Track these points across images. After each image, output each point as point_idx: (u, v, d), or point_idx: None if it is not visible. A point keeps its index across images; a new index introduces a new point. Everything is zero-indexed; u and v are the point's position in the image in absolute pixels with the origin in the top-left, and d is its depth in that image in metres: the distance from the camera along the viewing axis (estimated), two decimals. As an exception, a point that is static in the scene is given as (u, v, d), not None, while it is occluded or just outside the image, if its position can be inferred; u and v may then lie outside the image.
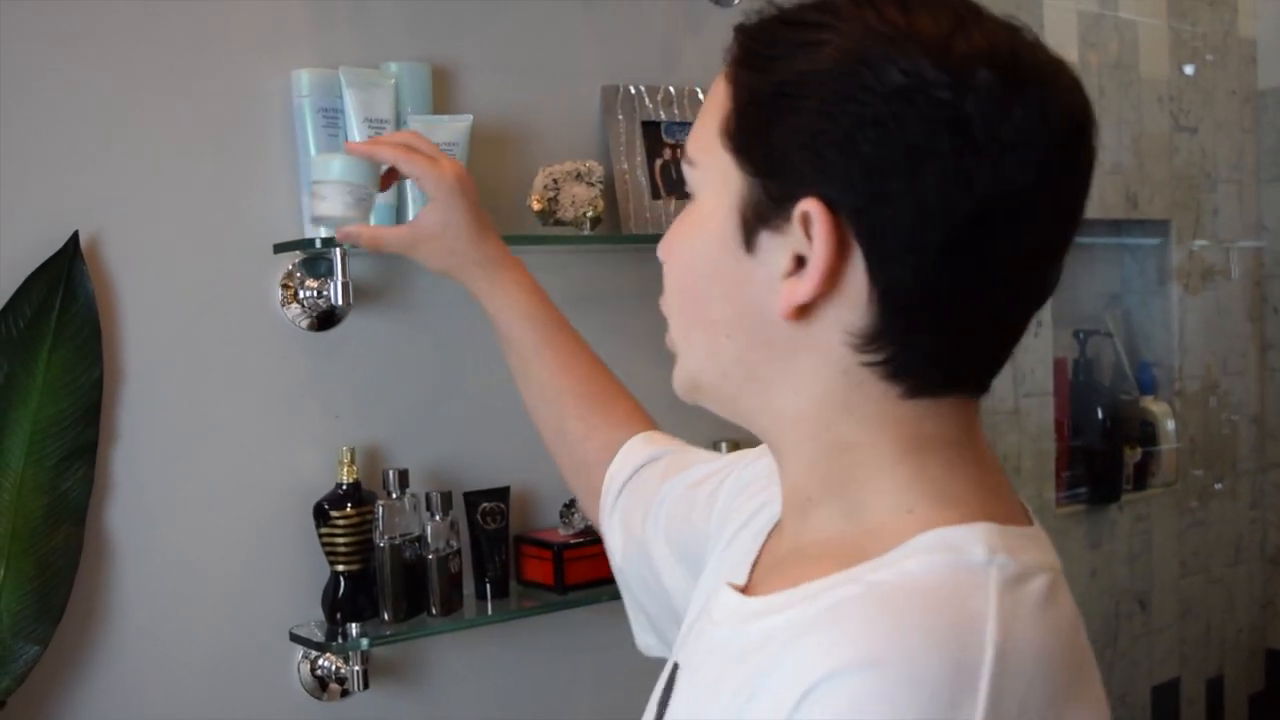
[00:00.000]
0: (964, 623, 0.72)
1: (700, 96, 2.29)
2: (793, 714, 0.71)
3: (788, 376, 0.85)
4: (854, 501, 0.85)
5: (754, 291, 0.84)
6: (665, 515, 1.26)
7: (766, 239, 0.83)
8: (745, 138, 0.84)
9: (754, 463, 1.15)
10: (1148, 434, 3.49)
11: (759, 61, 0.83)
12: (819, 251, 0.80)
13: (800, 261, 0.81)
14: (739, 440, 2.25)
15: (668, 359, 0.94)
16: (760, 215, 0.83)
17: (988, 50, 0.77)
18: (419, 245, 1.58)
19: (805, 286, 0.81)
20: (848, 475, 0.85)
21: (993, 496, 0.84)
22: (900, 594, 0.75)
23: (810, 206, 0.79)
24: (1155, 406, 3.52)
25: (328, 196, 1.60)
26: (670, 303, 0.94)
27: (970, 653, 0.71)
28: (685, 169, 0.90)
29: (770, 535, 0.98)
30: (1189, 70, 3.61)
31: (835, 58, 0.79)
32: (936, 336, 0.82)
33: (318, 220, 1.65)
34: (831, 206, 0.79)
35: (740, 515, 1.08)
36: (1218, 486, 3.73)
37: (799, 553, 0.87)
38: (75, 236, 1.77)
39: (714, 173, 0.86)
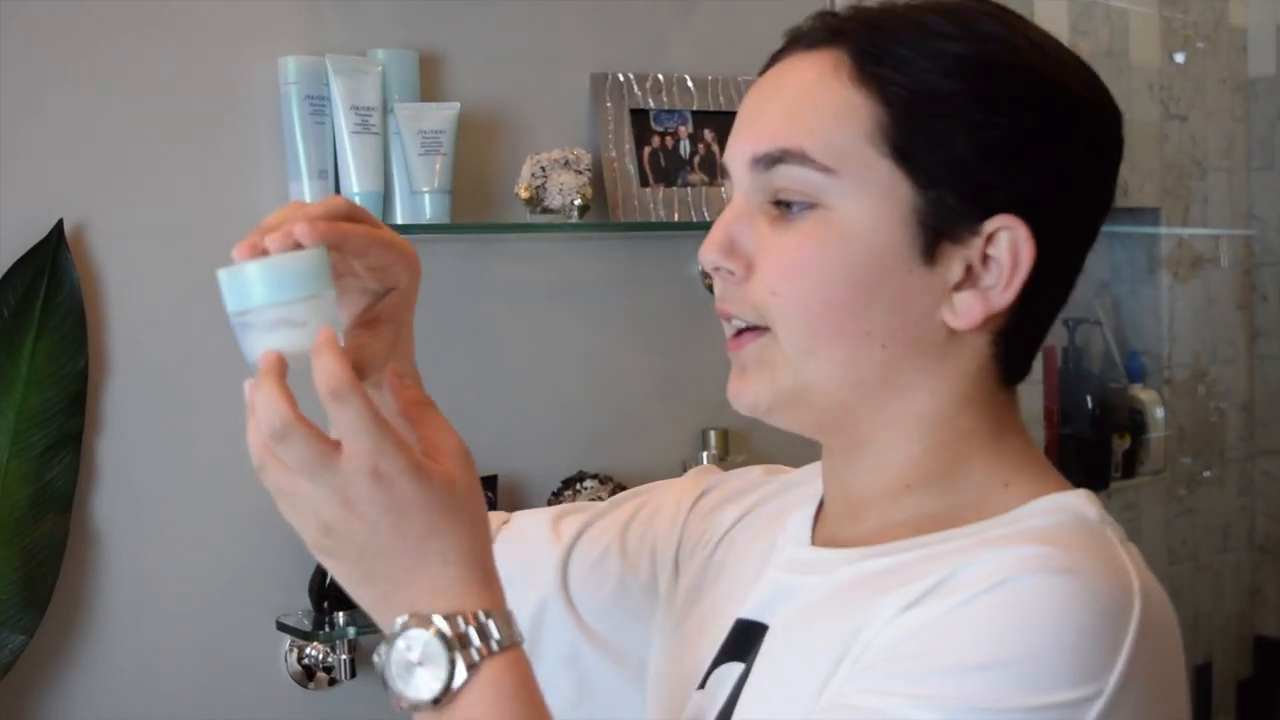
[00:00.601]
0: (1118, 568, 0.78)
1: (689, 84, 2.28)
2: (980, 595, 0.75)
3: (927, 379, 0.87)
4: (954, 483, 0.88)
5: (926, 302, 0.85)
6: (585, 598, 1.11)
7: (947, 250, 0.84)
8: (918, 150, 0.82)
9: (709, 491, 1.11)
10: (1136, 422, 3.49)
11: (920, 71, 0.83)
12: (1024, 266, 0.83)
13: (970, 270, 0.84)
14: (727, 429, 2.26)
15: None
16: (944, 228, 0.83)
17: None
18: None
19: (1004, 298, 0.84)
20: (955, 461, 0.88)
21: (1055, 469, 0.91)
22: (1063, 536, 0.80)
23: (1010, 223, 0.83)
24: (1144, 394, 3.52)
25: (261, 331, 0.84)
26: (793, 317, 0.84)
27: (1128, 594, 0.76)
28: (806, 175, 0.83)
29: (816, 526, 0.96)
30: (1179, 58, 3.61)
31: (1022, 76, 0.83)
32: (1047, 327, 0.90)
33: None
34: (1026, 220, 0.83)
35: (722, 522, 1.06)
36: (1206, 474, 3.74)
37: (888, 530, 0.88)
38: (60, 225, 1.76)
39: (868, 183, 0.83)
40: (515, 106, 2.14)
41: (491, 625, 0.76)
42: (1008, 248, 0.83)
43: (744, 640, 0.91)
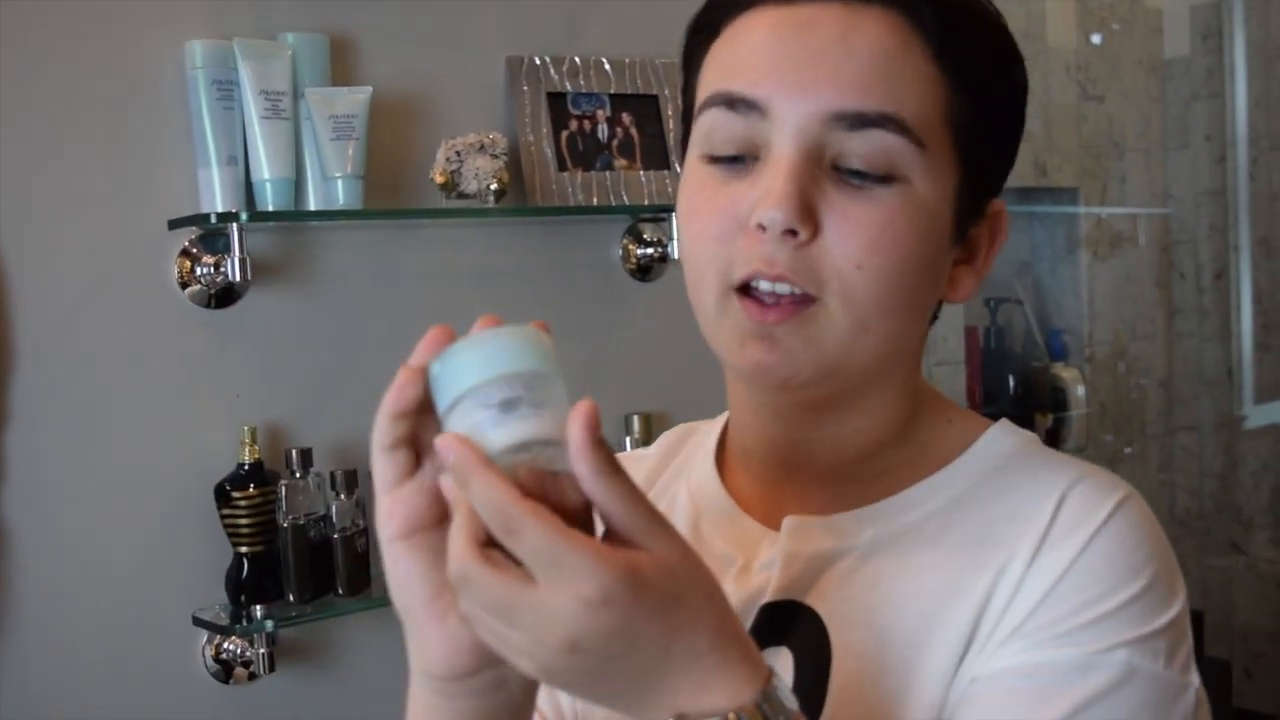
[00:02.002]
0: None
1: (606, 68, 2.27)
2: (1097, 533, 0.80)
3: (915, 343, 0.90)
4: (915, 431, 0.91)
5: (944, 278, 0.87)
6: None
7: (967, 229, 0.87)
8: (975, 134, 0.84)
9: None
10: (1059, 400, 3.53)
11: (998, 61, 0.86)
12: (998, 241, 0.89)
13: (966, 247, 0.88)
14: (650, 413, 2.25)
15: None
16: (969, 208, 0.86)
17: None
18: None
19: (984, 270, 0.89)
20: (914, 412, 0.91)
21: None
22: (1064, 456, 0.89)
23: (1000, 205, 0.89)
24: (1065, 373, 3.56)
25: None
26: (871, 292, 0.80)
27: None
28: (900, 145, 0.79)
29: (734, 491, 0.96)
30: (1096, 40, 3.65)
31: (1024, 79, 0.89)
32: None
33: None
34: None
35: None
36: (1128, 451, 3.79)
37: (879, 484, 0.89)
38: (-41, 214, 1.72)
39: (940, 162, 0.82)
40: (429, 90, 2.11)
41: (779, 696, 0.68)
42: (989, 226, 0.89)
43: (778, 623, 0.87)
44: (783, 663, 0.85)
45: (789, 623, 0.86)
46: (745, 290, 0.81)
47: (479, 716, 0.72)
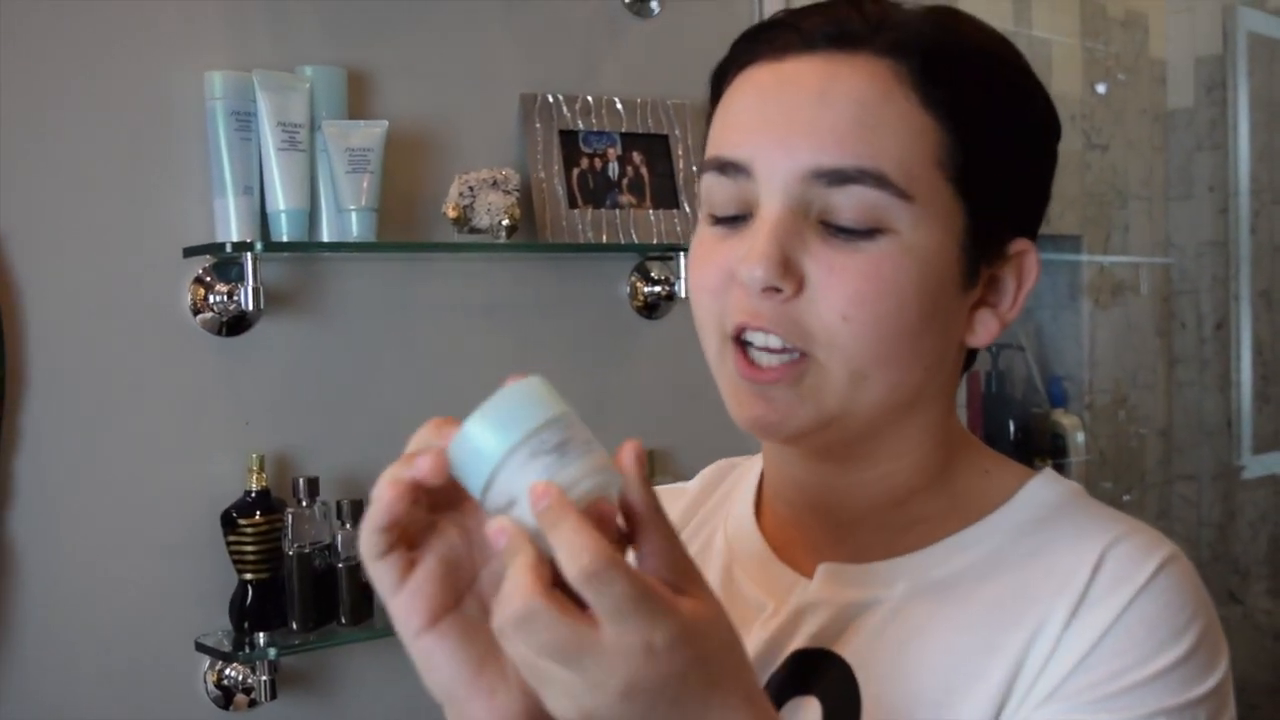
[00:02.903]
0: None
1: (618, 107, 2.29)
2: (1139, 595, 0.80)
3: (939, 392, 0.89)
4: (949, 479, 0.90)
5: (959, 323, 0.86)
6: None
7: (981, 272, 0.86)
8: (978, 176, 0.82)
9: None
10: (1058, 446, 3.54)
11: (986, 99, 0.83)
12: (1028, 283, 0.87)
13: (985, 290, 0.87)
14: (655, 449, 2.26)
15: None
16: (982, 252, 0.85)
17: None
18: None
19: (1011, 314, 0.87)
20: (948, 460, 0.90)
21: None
22: (1109, 512, 0.88)
23: (1025, 245, 0.87)
24: (1065, 419, 3.57)
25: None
26: (861, 343, 0.80)
27: None
28: (881, 199, 0.79)
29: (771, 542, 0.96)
30: (1101, 89, 3.68)
31: (1049, 114, 0.87)
32: None
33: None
34: (1029, 238, 0.88)
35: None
36: (1126, 498, 3.79)
37: (911, 533, 0.89)
38: (-22, 237, 1.73)
39: (935, 208, 0.81)
40: (444, 125, 2.14)
41: None
42: (1016, 267, 0.87)
43: (806, 671, 0.86)
44: (811, 711, 0.85)
45: (817, 671, 0.86)
46: (740, 341, 0.83)
47: None
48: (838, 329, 0.80)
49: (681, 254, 2.29)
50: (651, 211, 2.31)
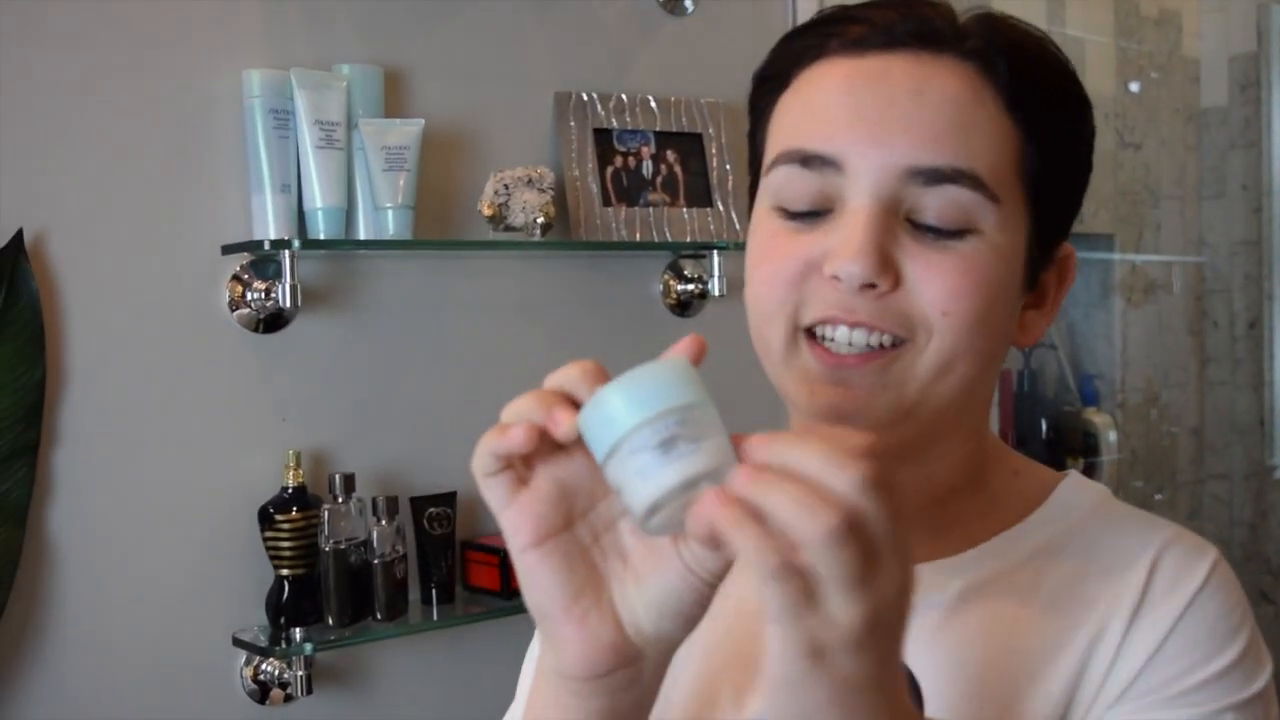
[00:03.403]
0: None
1: (652, 105, 2.30)
2: (1198, 596, 0.83)
3: (987, 389, 0.90)
4: (983, 479, 0.91)
5: (1015, 322, 0.88)
6: None
7: (1039, 276, 0.87)
8: (1047, 185, 0.84)
9: None
10: (1090, 445, 3.53)
11: (1067, 109, 0.86)
12: (1066, 286, 0.90)
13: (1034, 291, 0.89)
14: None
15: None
16: (1041, 256, 0.86)
17: None
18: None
19: (1054, 314, 0.90)
20: (983, 460, 0.92)
21: None
22: (1143, 513, 0.91)
23: (1069, 249, 0.89)
24: (1097, 418, 3.56)
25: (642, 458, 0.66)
26: (957, 336, 0.80)
27: None
28: (974, 200, 0.80)
29: None
30: (1134, 88, 3.66)
31: (1092, 123, 0.89)
32: None
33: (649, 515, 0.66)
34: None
35: None
36: (1157, 497, 3.78)
37: (953, 534, 0.89)
38: (19, 235, 1.75)
39: (1013, 212, 0.82)
40: (479, 124, 2.15)
41: None
42: (1059, 269, 0.89)
43: None
44: None
45: None
46: (813, 333, 0.82)
47: (611, 714, 0.72)
48: (938, 323, 0.80)
49: (715, 252, 2.29)
50: (685, 210, 2.31)
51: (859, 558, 0.59)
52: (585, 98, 2.24)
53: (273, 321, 1.96)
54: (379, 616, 1.94)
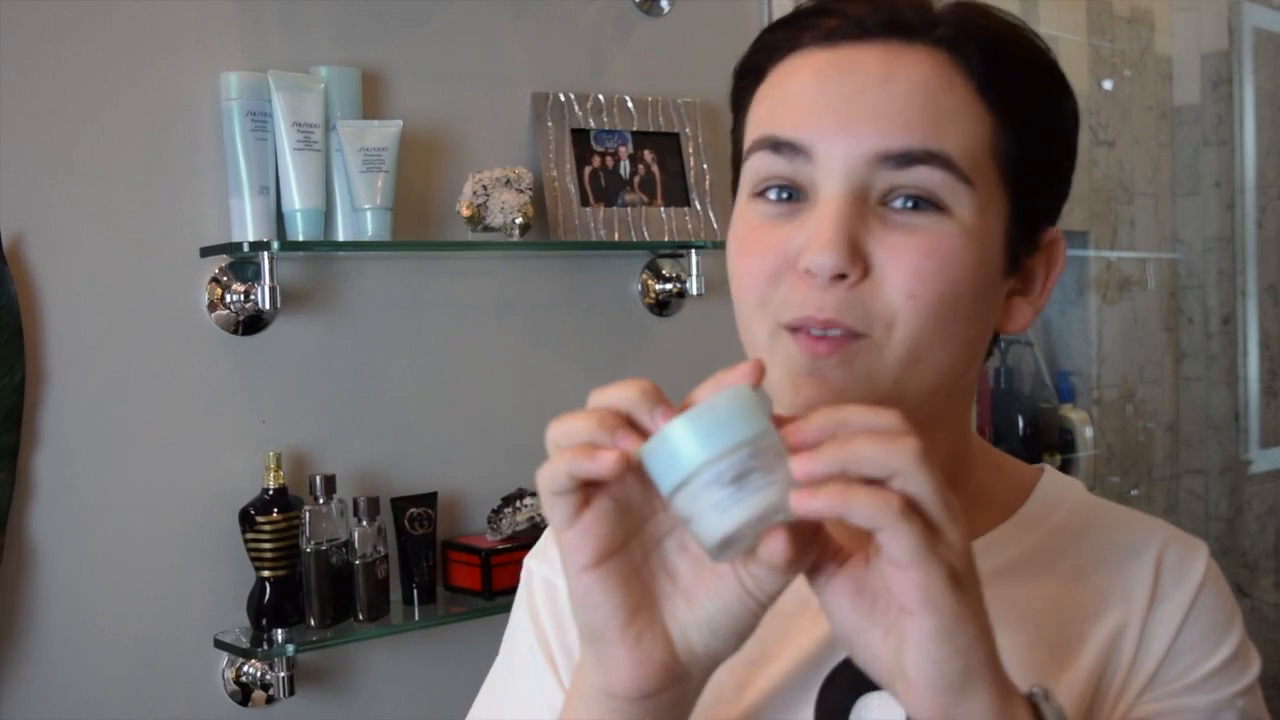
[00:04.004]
0: None
1: (629, 105, 2.30)
2: (1203, 589, 0.88)
3: (969, 380, 0.90)
4: (967, 473, 0.92)
5: (998, 310, 0.87)
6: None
7: (1020, 261, 0.87)
8: (1024, 168, 0.84)
9: None
10: (1066, 441, 3.55)
11: (1044, 94, 0.85)
12: (1056, 270, 0.89)
13: (1020, 278, 0.89)
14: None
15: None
16: (1022, 240, 0.86)
17: None
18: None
19: (1042, 301, 0.89)
20: (966, 453, 0.92)
21: None
22: (1124, 508, 0.95)
23: (1056, 234, 0.89)
24: (1074, 414, 3.58)
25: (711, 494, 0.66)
26: (922, 322, 0.80)
27: None
28: (944, 181, 0.80)
29: None
30: (1107, 85, 3.69)
31: (1075, 110, 0.89)
32: None
33: (723, 547, 0.67)
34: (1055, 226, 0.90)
35: None
36: (1134, 493, 3.80)
37: None
38: (-2, 238, 1.75)
39: (988, 196, 0.82)
40: (457, 125, 2.15)
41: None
42: (1045, 255, 0.89)
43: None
44: (888, 707, 0.85)
45: None
46: (794, 330, 0.82)
47: None
48: (903, 308, 0.80)
49: (693, 251, 2.30)
50: (663, 209, 2.32)
51: (940, 479, 0.66)
52: (562, 98, 2.25)
53: (252, 323, 1.96)
54: (361, 617, 1.94)
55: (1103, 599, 0.87)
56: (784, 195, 0.83)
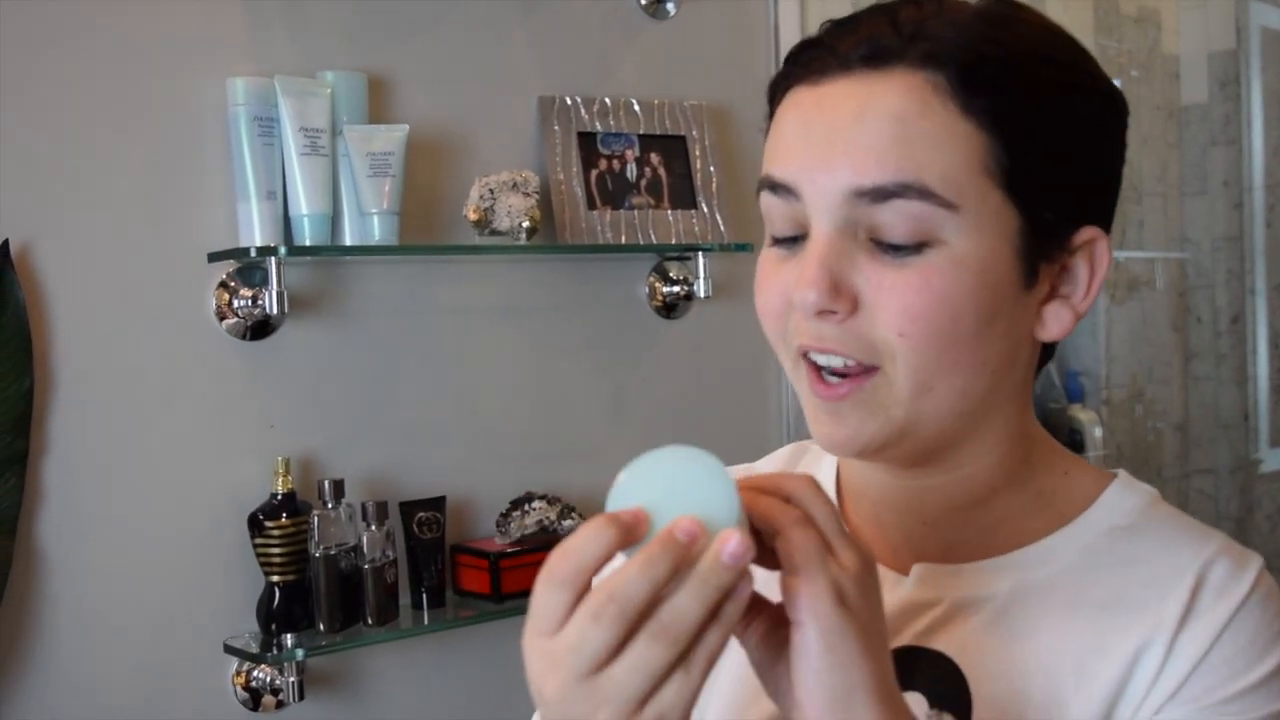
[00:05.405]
0: None
1: (636, 108, 2.30)
2: (1243, 606, 0.85)
3: (1014, 391, 0.89)
4: (1029, 478, 0.92)
5: (1026, 322, 0.86)
6: None
7: (1043, 269, 0.85)
8: (1027, 177, 0.82)
9: None
10: (1075, 441, 3.54)
11: (1030, 100, 0.82)
12: (1101, 270, 0.87)
13: (1053, 282, 0.87)
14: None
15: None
16: (1040, 248, 0.84)
17: None
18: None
19: (1085, 303, 0.87)
20: (1025, 458, 0.91)
21: None
22: (1190, 519, 0.93)
23: (1093, 234, 0.86)
24: (1083, 414, 3.57)
25: None
26: (920, 356, 0.81)
27: None
28: (926, 211, 0.80)
29: None
30: (1115, 85, 3.68)
31: (1109, 100, 0.87)
32: None
33: None
34: (1100, 226, 0.87)
35: None
36: (1144, 493, 3.79)
37: (998, 534, 0.91)
38: (5, 244, 1.75)
39: (983, 214, 0.81)
40: (464, 129, 2.15)
41: None
42: (1087, 256, 0.86)
43: (909, 668, 0.87)
44: (917, 708, 0.86)
45: (920, 669, 0.88)
46: (809, 360, 0.85)
47: None
48: (897, 345, 0.81)
49: (700, 254, 2.30)
50: (670, 212, 2.32)
51: (833, 507, 0.74)
52: (569, 101, 2.25)
53: (260, 328, 1.96)
54: (370, 621, 1.94)
55: (1136, 613, 0.85)
56: (790, 236, 0.85)
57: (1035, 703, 0.84)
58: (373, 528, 1.95)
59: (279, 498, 1.90)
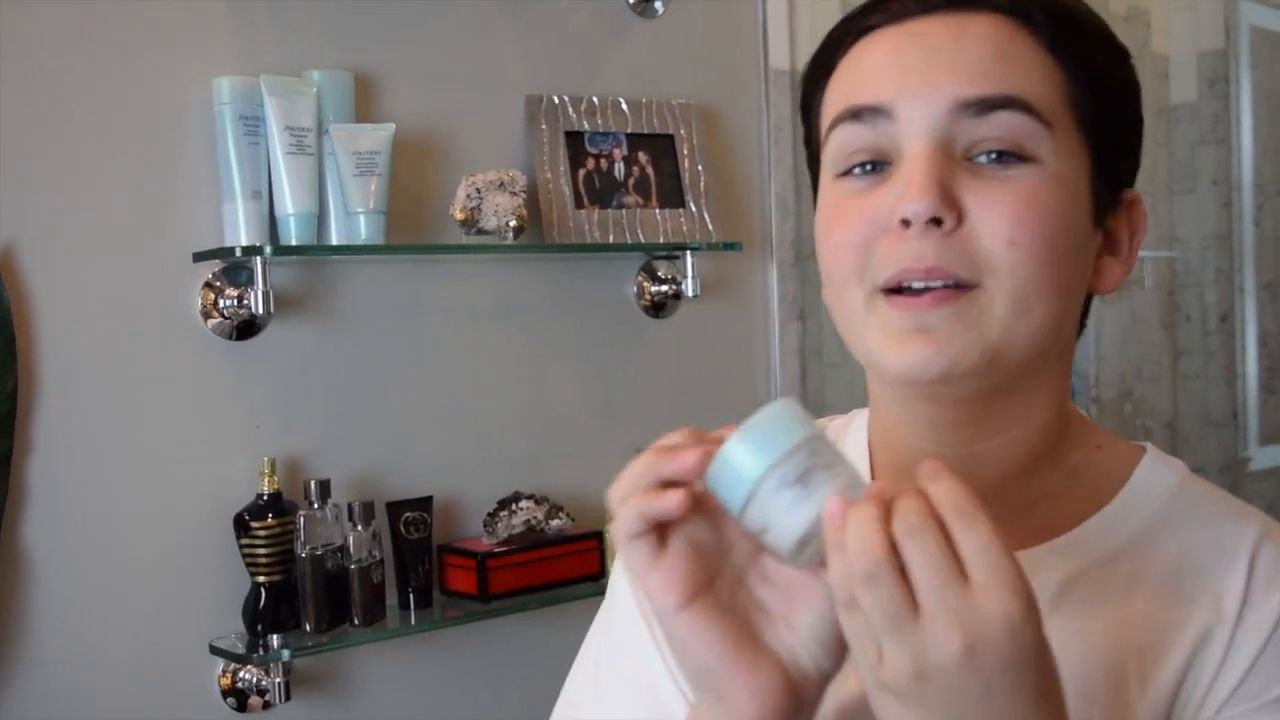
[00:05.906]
0: None
1: (623, 107, 2.30)
2: None
3: (1064, 344, 0.88)
4: (1064, 450, 0.90)
5: (1089, 267, 0.86)
6: None
7: (1106, 218, 0.87)
8: (1099, 123, 0.84)
9: None
10: (1065, 440, 3.54)
11: (1108, 55, 0.86)
12: (1139, 234, 0.89)
13: (1106, 238, 0.88)
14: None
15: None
16: (1105, 196, 0.86)
17: None
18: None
19: (1132, 260, 0.88)
20: (1063, 428, 0.90)
21: None
22: (1222, 494, 0.91)
23: (1135, 195, 0.89)
24: (1072, 413, 3.58)
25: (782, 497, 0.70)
26: (1028, 268, 0.80)
27: None
28: (1026, 125, 0.81)
29: None
30: (1104, 84, 3.68)
31: (1134, 75, 0.89)
32: None
33: (801, 547, 0.71)
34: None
35: None
36: (1133, 492, 3.79)
37: (1036, 515, 0.89)
38: (-11, 245, 1.74)
39: (1070, 144, 0.83)
40: (450, 128, 2.15)
41: None
42: (1127, 218, 0.89)
43: None
44: None
45: None
46: (893, 291, 0.81)
47: None
48: (1006, 255, 0.79)
49: (688, 253, 2.30)
50: (658, 211, 2.32)
51: (882, 608, 0.66)
52: (556, 100, 2.25)
53: (245, 328, 1.95)
54: (356, 622, 1.94)
55: (1191, 603, 0.83)
56: (869, 168, 0.84)
57: (1097, 700, 0.82)
58: (359, 528, 1.94)
59: (265, 498, 1.90)
